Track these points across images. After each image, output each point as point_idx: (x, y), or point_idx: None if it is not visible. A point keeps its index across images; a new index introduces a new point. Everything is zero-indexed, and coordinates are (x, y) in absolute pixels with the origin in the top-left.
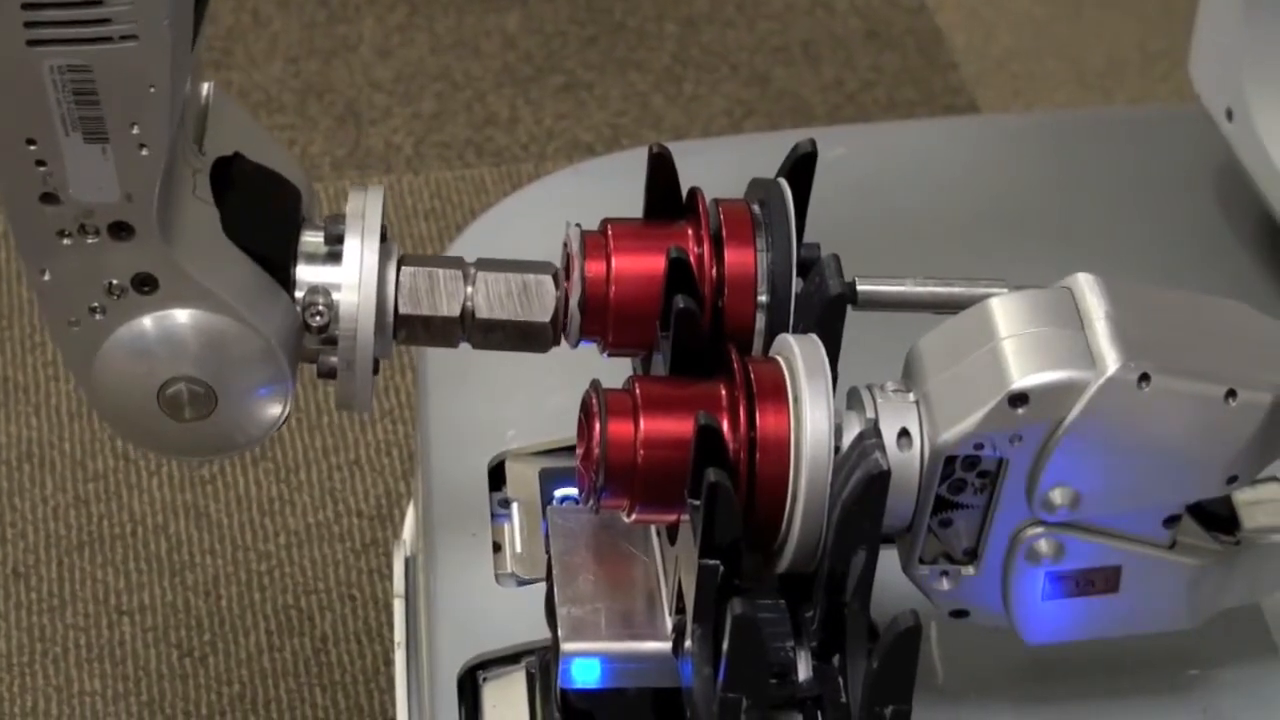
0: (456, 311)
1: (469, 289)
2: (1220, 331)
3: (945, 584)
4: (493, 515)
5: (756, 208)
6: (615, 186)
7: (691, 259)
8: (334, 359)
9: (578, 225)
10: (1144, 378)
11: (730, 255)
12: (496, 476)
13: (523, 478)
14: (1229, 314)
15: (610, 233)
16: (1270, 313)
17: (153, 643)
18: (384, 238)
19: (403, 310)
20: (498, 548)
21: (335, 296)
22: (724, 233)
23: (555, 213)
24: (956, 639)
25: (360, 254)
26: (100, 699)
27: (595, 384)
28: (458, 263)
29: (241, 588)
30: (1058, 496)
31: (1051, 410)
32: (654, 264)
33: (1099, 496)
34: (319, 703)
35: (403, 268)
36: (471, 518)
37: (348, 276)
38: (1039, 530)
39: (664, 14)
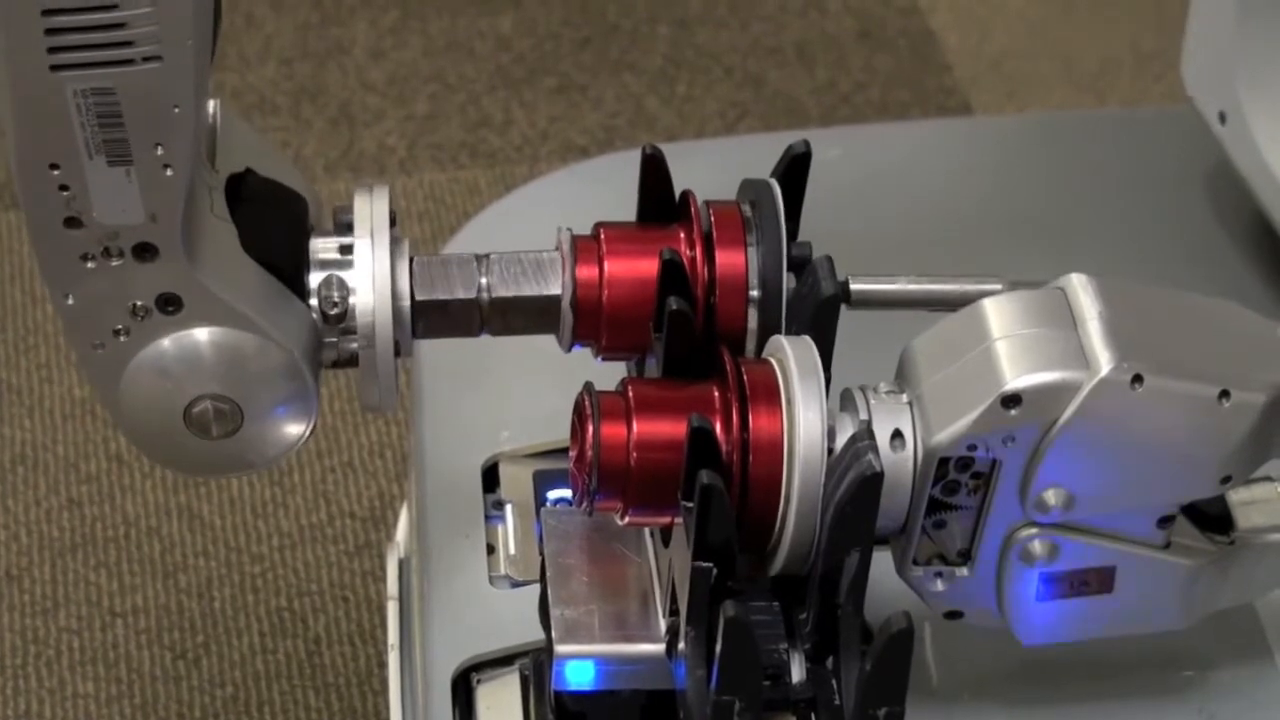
0: (473, 293)
1: (482, 273)
2: (1213, 332)
3: (939, 585)
4: (486, 517)
5: (747, 208)
6: (609, 188)
7: (684, 261)
8: (354, 345)
9: (569, 229)
10: (1137, 378)
11: (721, 256)
12: (490, 478)
13: (516, 479)
14: (1222, 314)
15: (602, 236)
16: (1263, 313)
17: (146, 645)
18: (393, 223)
19: (419, 296)
20: (491, 550)
21: (350, 286)
22: (714, 234)
23: (549, 214)
24: (951, 640)
25: (371, 245)
26: (94, 701)
27: (588, 386)
28: (468, 254)
29: (235, 590)
30: (1051, 497)
31: (1044, 411)
32: (647, 267)
33: (1093, 497)
34: (312, 705)
35: (415, 258)
36: (465, 519)
37: (360, 267)
38: (1033, 531)
39: (657, 16)
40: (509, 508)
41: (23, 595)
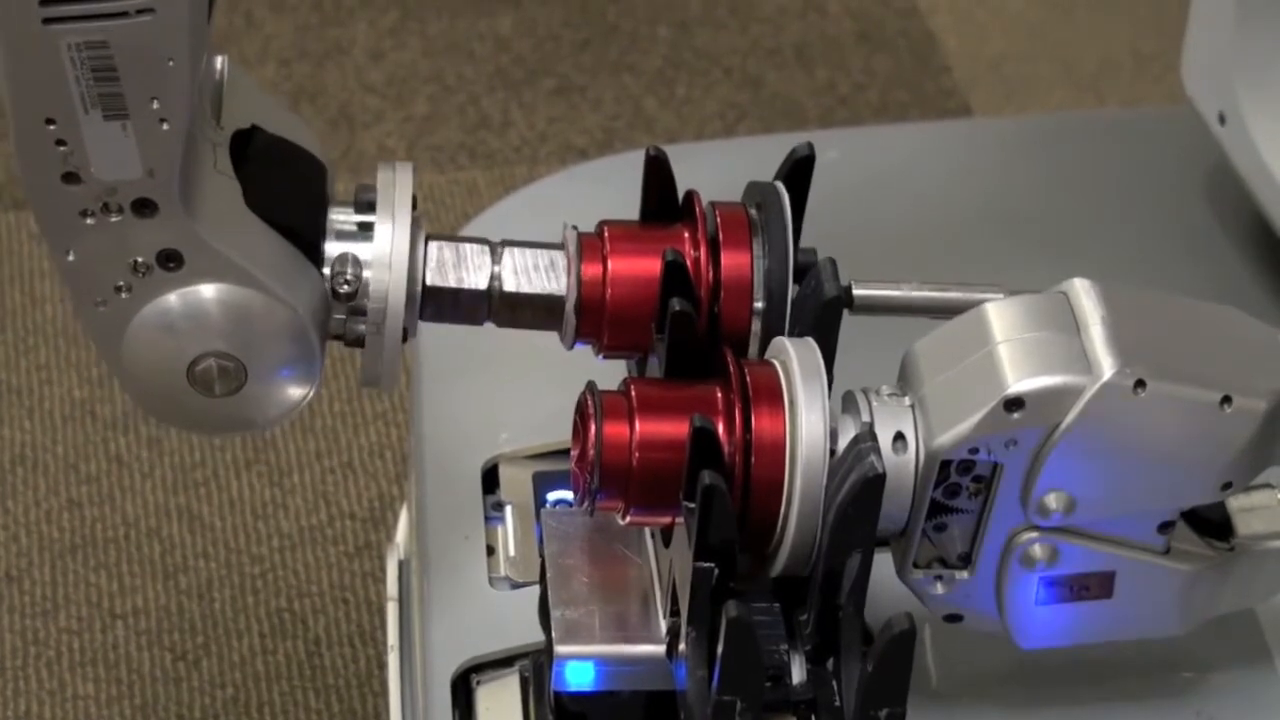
0: (483, 284)
1: (495, 264)
2: (1215, 337)
3: (939, 588)
4: (486, 518)
5: (754, 211)
6: (608, 190)
7: (688, 262)
8: (362, 327)
9: (574, 227)
10: (1139, 383)
11: (726, 259)
12: (490, 480)
13: (516, 481)
14: (1224, 320)
15: (606, 235)
16: (1263, 315)
17: (146, 646)
18: (414, 207)
19: (430, 282)
20: (491, 551)
21: (365, 263)
22: (720, 236)
23: (548, 216)
24: (951, 642)
25: (392, 224)
26: (94, 703)
27: (591, 385)
28: (483, 240)
29: (234, 591)
30: (1052, 501)
31: (1047, 415)
32: (650, 266)
33: (1093, 502)
34: (312, 706)
35: (430, 242)
36: (465, 521)
37: (379, 244)
38: (1033, 535)
39: (657, 17)
40: (509, 509)
41: (23, 596)
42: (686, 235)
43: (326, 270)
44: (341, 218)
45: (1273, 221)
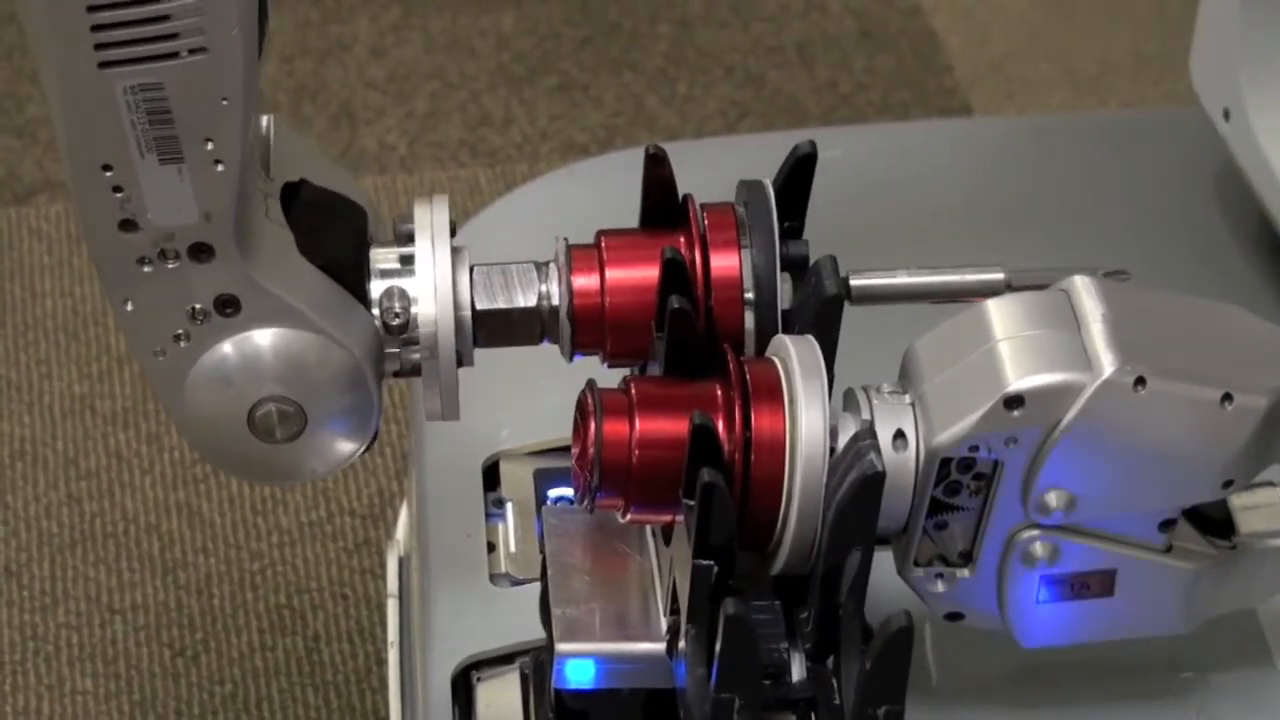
0: (533, 302)
1: (543, 282)
2: (1217, 335)
3: (940, 586)
4: (487, 515)
5: (741, 209)
6: (609, 187)
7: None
8: (417, 356)
9: (564, 239)
10: (1140, 381)
11: (714, 257)
12: (491, 476)
13: (517, 478)
14: (1225, 317)
15: (603, 244)
16: (1266, 313)
17: (145, 641)
18: (453, 233)
19: (480, 306)
20: (492, 548)
21: (412, 296)
22: (708, 236)
23: (549, 213)
24: (951, 641)
25: (432, 255)
26: (92, 698)
27: (591, 383)
28: (528, 261)
29: (234, 587)
30: (1053, 499)
31: (1047, 413)
32: (648, 273)
33: (1094, 500)
34: (311, 702)
35: (475, 267)
36: (465, 518)
37: (422, 277)
38: (1034, 533)
39: (658, 15)
40: (509, 506)
41: (22, 591)
42: (682, 239)
43: (375, 310)
44: (383, 255)
45: (1275, 217)
